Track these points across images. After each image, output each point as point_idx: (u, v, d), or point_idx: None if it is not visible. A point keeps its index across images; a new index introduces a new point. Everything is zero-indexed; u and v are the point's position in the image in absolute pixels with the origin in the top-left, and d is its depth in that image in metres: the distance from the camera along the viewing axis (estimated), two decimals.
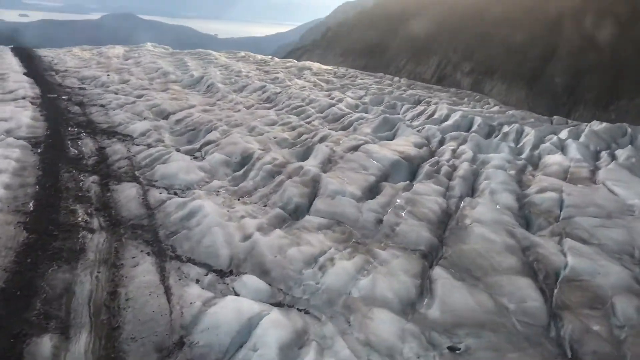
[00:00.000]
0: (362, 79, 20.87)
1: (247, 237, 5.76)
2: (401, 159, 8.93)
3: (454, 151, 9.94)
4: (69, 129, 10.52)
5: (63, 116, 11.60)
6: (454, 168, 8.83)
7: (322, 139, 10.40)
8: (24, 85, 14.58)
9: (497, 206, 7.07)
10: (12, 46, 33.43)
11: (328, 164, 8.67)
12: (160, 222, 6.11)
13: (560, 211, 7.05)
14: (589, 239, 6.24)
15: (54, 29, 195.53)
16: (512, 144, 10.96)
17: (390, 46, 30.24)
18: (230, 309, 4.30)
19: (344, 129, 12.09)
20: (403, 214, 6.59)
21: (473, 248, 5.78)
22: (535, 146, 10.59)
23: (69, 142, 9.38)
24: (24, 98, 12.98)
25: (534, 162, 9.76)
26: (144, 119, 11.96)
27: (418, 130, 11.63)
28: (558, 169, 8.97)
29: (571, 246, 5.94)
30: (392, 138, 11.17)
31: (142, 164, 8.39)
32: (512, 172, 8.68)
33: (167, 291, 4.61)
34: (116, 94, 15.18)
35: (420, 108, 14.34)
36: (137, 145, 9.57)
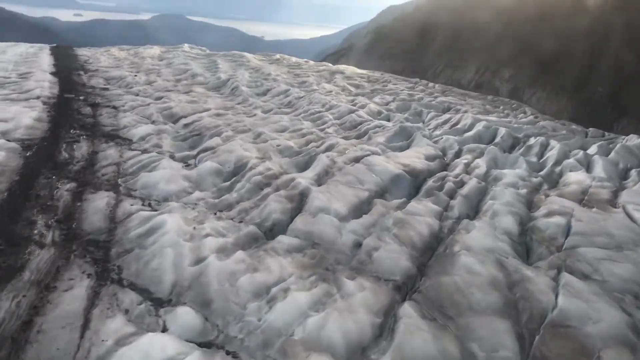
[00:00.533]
0: (394, 84, 20.22)
1: (199, 261, 5.27)
2: (404, 173, 8.32)
3: (467, 165, 9.25)
4: (71, 131, 10.33)
5: (70, 118, 11.45)
6: (460, 185, 8.16)
7: (328, 148, 9.87)
8: (43, 85, 14.59)
9: (495, 230, 6.40)
10: (54, 45, 34.10)
11: (324, 176, 8.15)
12: (118, 238, 5.72)
13: (565, 239, 6.32)
14: (590, 274, 5.50)
15: (105, 28, 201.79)
16: (534, 159, 10.19)
17: (429, 51, 29.49)
18: (140, 351, 3.83)
19: (359, 137, 11.55)
20: (387, 238, 6.00)
21: (453, 281, 5.14)
22: (557, 162, 9.78)
23: (63, 146, 9.16)
24: (37, 98, 12.92)
25: (553, 180, 8.97)
26: (152, 122, 11.71)
27: (435, 141, 10.97)
28: (576, 189, 8.16)
29: (567, 282, 5.22)
30: (406, 148, 10.56)
31: (128, 171, 8.06)
32: (524, 190, 7.93)
33: (86, 324, 4.20)
34: (136, 95, 15.06)
35: (446, 116, 13.64)
36: (132, 150, 9.28)
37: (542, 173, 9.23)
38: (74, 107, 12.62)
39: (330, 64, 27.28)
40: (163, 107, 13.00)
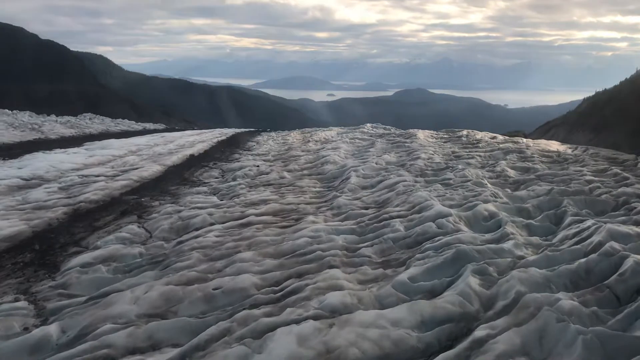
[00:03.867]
0: (583, 165, 14.68)
1: None
2: None
3: (468, 349, 4.61)
4: (18, 257, 8.34)
5: (59, 234, 9.55)
6: None
7: (287, 295, 6.19)
8: (115, 186, 13.40)
9: None
10: (241, 130, 35.62)
11: None
12: None
13: None
14: None
15: (350, 106, 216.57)
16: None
17: None
18: None
19: (400, 264, 7.41)
20: None
21: None
22: None
23: None
24: (77, 203, 11.53)
25: None
26: (143, 241, 9.15)
27: (488, 285, 6.27)
28: None
29: None
30: (440, 291, 6.18)
31: None
32: None
33: None
34: (213, 194, 13.00)
35: (587, 225, 8.39)
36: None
37: None
38: (100, 217, 10.80)
39: (523, 140, 22.33)
40: (189, 215, 10.46)
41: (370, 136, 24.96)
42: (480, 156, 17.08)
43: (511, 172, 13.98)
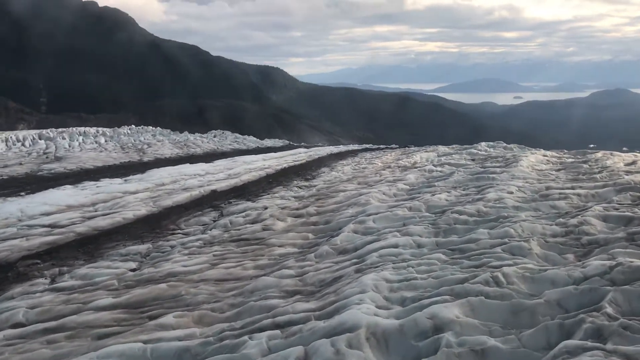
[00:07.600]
0: None
1: None
2: None
3: None
4: None
5: None
6: None
7: None
8: (37, 243, 11.06)
9: None
10: (350, 147, 33.02)
11: None
12: None
13: None
14: None
15: (535, 110, 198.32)
16: None
17: None
18: None
19: None
20: None
21: None
22: None
23: None
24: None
25: None
26: None
27: None
28: None
29: None
30: None
31: None
32: None
33: None
34: (142, 257, 10.04)
35: None
36: None
37: None
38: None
39: None
40: (6, 307, 7.42)
41: (472, 160, 20.07)
42: (579, 195, 11.49)
43: (596, 226, 8.54)
